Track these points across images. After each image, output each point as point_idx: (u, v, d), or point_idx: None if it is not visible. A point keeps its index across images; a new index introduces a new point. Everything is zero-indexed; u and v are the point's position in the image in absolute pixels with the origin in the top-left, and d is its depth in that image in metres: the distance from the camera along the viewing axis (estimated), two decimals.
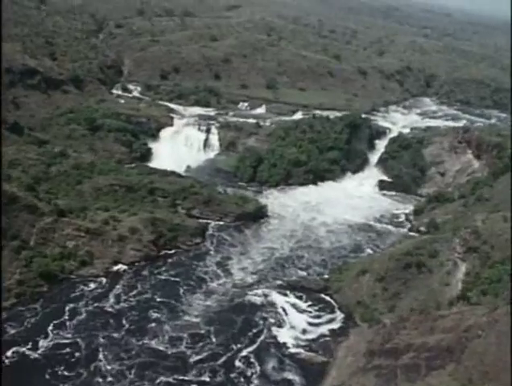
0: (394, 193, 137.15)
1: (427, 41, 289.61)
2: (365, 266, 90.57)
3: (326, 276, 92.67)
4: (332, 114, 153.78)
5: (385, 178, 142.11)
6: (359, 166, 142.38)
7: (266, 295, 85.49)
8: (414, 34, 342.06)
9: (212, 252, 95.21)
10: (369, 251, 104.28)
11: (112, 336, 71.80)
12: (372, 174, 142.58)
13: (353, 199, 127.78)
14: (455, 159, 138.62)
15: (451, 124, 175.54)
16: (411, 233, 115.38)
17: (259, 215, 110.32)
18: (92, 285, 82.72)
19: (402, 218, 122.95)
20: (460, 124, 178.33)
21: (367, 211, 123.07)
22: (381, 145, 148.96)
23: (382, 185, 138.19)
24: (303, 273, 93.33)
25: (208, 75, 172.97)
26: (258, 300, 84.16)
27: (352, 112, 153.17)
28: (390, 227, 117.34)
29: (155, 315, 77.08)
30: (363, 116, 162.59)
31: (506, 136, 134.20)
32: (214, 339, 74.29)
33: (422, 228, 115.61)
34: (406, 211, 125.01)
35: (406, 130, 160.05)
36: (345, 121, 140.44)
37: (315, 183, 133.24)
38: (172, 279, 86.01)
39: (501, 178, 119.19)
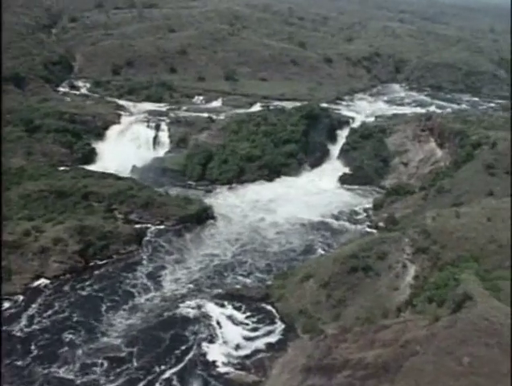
0: (355, 186, 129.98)
1: (400, 25, 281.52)
2: (310, 270, 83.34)
3: (269, 282, 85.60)
4: (293, 105, 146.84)
5: (346, 170, 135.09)
6: (319, 159, 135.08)
7: (199, 307, 78.18)
8: (389, 18, 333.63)
9: (145, 261, 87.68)
10: (320, 252, 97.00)
11: (15, 365, 64.32)
12: (333, 167, 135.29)
13: (311, 195, 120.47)
14: (418, 148, 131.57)
15: (418, 110, 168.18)
16: (369, 230, 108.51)
17: (204, 217, 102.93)
18: (6, 305, 75.11)
19: (362, 213, 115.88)
20: (428, 110, 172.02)
21: (324, 207, 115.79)
22: (343, 136, 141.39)
23: (343, 178, 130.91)
24: (246, 280, 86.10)
25: (163, 68, 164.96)
26: (190, 313, 76.89)
27: (314, 102, 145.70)
28: (347, 224, 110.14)
29: (70, 338, 69.59)
30: (325, 105, 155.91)
31: (470, 122, 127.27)
32: (135, 362, 66.97)
33: (381, 224, 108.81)
34: (367, 206, 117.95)
35: (371, 119, 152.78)
36: (302, 112, 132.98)
37: (270, 179, 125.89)
38: (95, 294, 78.46)
39: (463, 167, 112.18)
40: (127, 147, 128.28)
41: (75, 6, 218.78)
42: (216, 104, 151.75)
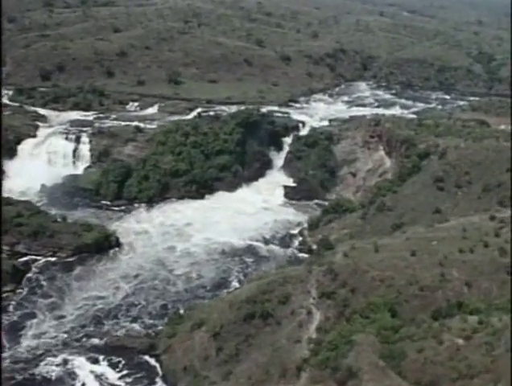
0: (299, 201, 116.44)
1: (376, 19, 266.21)
2: (203, 316, 69.70)
3: (160, 328, 72.12)
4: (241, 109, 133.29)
5: (290, 182, 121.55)
6: (259, 170, 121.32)
7: (66, 363, 64.86)
8: (369, 12, 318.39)
9: (13, 307, 74.01)
10: (235, 285, 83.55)
11: None
12: (275, 180, 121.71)
13: (242, 214, 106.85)
14: (367, 157, 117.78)
15: (380, 111, 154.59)
16: (301, 254, 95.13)
17: (106, 245, 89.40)
18: None
19: (297, 234, 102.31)
20: (392, 111, 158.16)
21: (256, 228, 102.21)
22: (289, 143, 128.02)
23: (285, 192, 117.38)
24: (133, 327, 72.57)
25: (99, 72, 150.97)
26: (52, 372, 63.57)
27: (255, 106, 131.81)
28: (277, 248, 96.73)
29: None
30: (275, 108, 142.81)
31: (424, 126, 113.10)
32: None
33: (315, 247, 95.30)
34: (305, 225, 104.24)
35: (324, 123, 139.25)
36: (237, 119, 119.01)
37: (201, 196, 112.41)
38: None
39: (408, 180, 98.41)
40: (40, 163, 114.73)
41: (23, 5, 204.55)
42: (152, 110, 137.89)
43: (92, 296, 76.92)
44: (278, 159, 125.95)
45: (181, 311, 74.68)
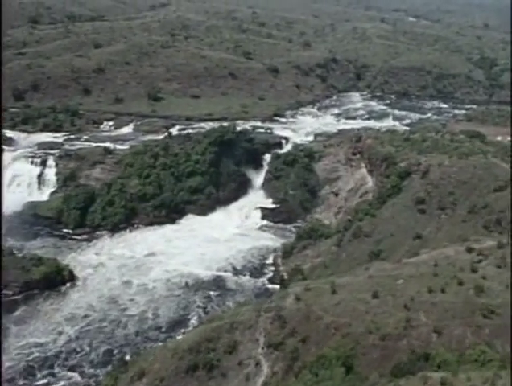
0: (277, 224, 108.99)
1: (375, 26, 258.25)
2: (145, 365, 62.10)
3: (102, 377, 64.80)
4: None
5: (270, 203, 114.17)
6: (235, 191, 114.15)
7: None
8: (370, 19, 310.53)
9: None
10: (195, 324, 76.03)
11: None
12: (254, 201, 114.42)
13: (213, 240, 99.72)
14: (350, 175, 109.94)
15: (371, 124, 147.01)
16: (271, 286, 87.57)
17: (57, 281, 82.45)
18: None
19: (271, 261, 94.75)
20: (384, 123, 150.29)
21: (226, 256, 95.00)
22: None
23: (262, 214, 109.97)
24: (72, 376, 65.34)
25: (75, 90, 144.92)
26: None
27: (240, 121, 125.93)
28: (247, 278, 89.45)
29: None
30: (258, 124, 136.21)
31: (409, 142, 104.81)
32: None
33: (287, 277, 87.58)
34: (279, 252, 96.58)
35: (310, 138, 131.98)
36: (210, 138, 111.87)
37: (171, 221, 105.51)
38: None
39: (388, 202, 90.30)
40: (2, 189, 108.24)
41: (7, 23, 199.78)
42: (127, 130, 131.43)
43: (30, 343, 69.72)
44: (258, 179, 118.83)
45: (127, 357, 67.40)
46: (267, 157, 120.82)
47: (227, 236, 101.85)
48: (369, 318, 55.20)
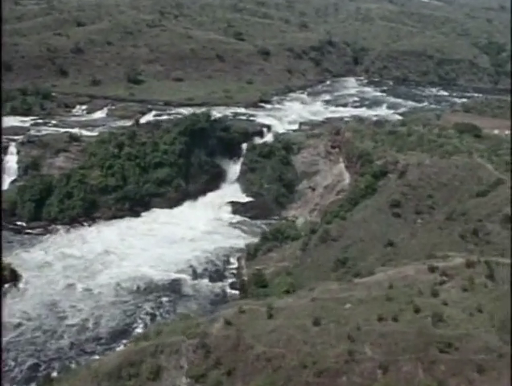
0: (250, 220, 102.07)
1: (380, 6, 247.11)
2: None
3: None
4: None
5: (243, 197, 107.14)
6: (207, 184, 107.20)
7: None
8: None
9: None
10: (139, 334, 69.51)
11: None
12: (227, 195, 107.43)
13: (176, 237, 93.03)
14: (328, 170, 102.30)
15: (363, 112, 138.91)
16: (232, 291, 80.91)
17: None
18: None
19: (235, 264, 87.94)
20: (377, 111, 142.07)
21: (188, 256, 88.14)
22: None
23: (234, 209, 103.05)
24: None
25: (50, 71, 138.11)
26: None
27: (208, 108, 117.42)
28: (205, 282, 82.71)
29: None
30: (242, 110, 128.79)
31: (389, 137, 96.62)
32: None
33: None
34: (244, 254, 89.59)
35: (293, 127, 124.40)
36: (180, 127, 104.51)
37: (136, 214, 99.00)
38: None
39: (361, 204, 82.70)
40: None
41: None
42: (100, 114, 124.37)
43: None
44: (234, 171, 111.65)
45: (54, 374, 61.17)
46: (245, 147, 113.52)
47: (192, 233, 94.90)
48: (307, 350, 48.28)
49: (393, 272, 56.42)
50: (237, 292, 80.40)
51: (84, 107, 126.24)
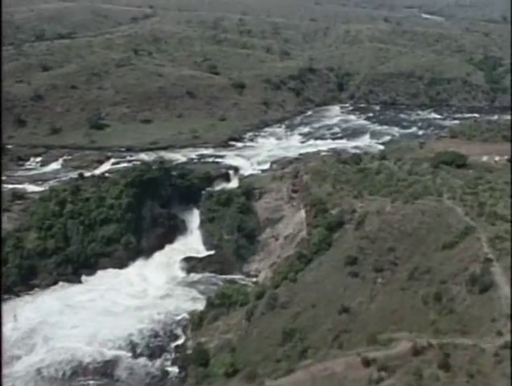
0: (209, 276, 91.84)
1: (371, 27, 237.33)
2: None
3: None
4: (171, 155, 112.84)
5: (202, 251, 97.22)
6: (163, 238, 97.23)
7: None
8: (372, 19, 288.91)
9: None
10: None
11: None
12: (184, 249, 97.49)
13: (118, 305, 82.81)
14: (291, 216, 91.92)
15: (343, 144, 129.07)
16: (173, 369, 70.51)
17: None
18: None
19: (181, 335, 77.51)
20: (358, 142, 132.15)
21: (130, 330, 77.36)
22: None
23: (190, 266, 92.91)
24: None
25: (8, 122, 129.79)
26: None
27: (159, 156, 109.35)
28: (143, 360, 72.34)
29: None
30: (208, 152, 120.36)
31: (357, 175, 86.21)
32: None
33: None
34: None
35: (264, 167, 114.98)
36: (127, 179, 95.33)
37: (78, 279, 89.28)
38: None
39: (314, 261, 72.02)
40: None
41: None
42: (55, 166, 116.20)
43: None
44: (194, 221, 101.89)
45: None
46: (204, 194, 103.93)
47: (138, 301, 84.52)
48: None
49: (316, 368, 45.53)
50: (177, 370, 70.15)
51: (38, 159, 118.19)
